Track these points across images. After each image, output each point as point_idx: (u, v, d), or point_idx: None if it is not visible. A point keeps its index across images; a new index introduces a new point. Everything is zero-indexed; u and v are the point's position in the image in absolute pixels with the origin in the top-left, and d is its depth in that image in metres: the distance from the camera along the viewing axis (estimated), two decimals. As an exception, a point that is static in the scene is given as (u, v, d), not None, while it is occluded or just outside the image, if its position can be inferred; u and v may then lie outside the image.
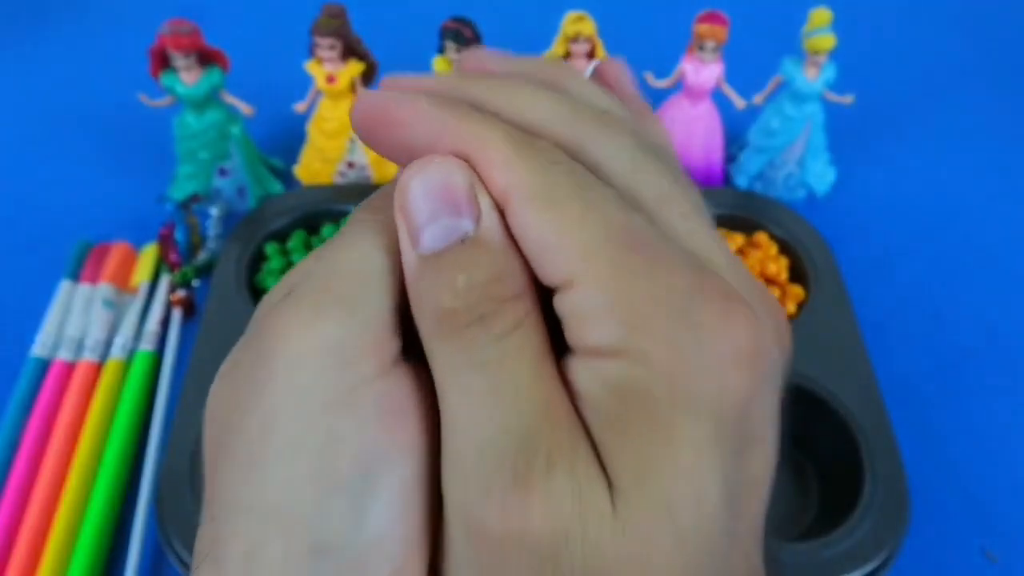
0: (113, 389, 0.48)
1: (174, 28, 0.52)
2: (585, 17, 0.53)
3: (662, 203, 0.18)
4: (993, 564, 0.43)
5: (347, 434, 0.15)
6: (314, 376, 0.15)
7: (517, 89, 0.18)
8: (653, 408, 0.15)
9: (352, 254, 0.17)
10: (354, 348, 0.16)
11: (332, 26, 0.53)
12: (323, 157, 0.58)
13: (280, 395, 0.15)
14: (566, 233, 0.16)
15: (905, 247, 0.60)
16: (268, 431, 0.15)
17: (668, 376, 0.15)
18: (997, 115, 0.71)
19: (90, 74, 0.73)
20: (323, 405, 0.15)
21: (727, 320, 0.15)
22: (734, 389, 0.15)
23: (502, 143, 0.16)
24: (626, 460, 0.15)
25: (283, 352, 0.16)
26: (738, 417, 0.15)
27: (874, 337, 0.52)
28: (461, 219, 0.16)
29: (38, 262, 0.57)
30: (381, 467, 0.15)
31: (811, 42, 0.54)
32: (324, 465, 0.15)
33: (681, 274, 0.16)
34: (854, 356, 0.48)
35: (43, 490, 0.43)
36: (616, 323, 0.15)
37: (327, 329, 0.16)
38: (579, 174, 0.17)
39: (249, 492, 0.15)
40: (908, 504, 0.42)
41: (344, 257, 0.17)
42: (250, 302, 0.51)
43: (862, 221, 0.61)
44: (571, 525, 0.14)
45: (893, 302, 0.56)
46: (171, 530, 0.40)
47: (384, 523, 0.15)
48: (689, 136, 0.59)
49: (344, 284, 0.16)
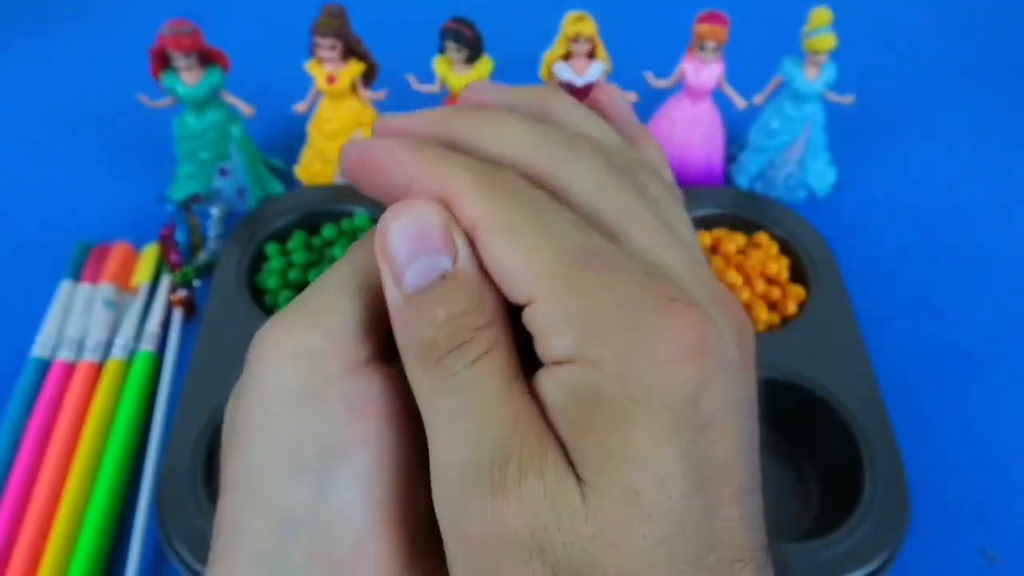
0: (114, 389, 0.48)
1: (174, 29, 0.52)
2: (586, 17, 0.53)
3: (625, 220, 0.19)
4: (993, 564, 0.43)
5: (314, 423, 0.18)
6: (289, 374, 0.18)
7: (494, 122, 0.20)
8: (610, 406, 0.17)
9: (328, 281, 0.19)
10: (322, 351, 0.18)
11: (332, 26, 0.53)
12: (323, 157, 0.58)
13: (261, 391, 0.18)
14: (525, 258, 0.17)
15: (905, 247, 0.60)
16: (251, 422, 0.19)
17: (619, 376, 0.17)
18: (997, 116, 0.72)
19: (91, 75, 0.73)
20: (296, 398, 0.18)
21: (671, 319, 0.17)
22: (681, 380, 0.17)
23: (467, 180, 0.18)
24: (591, 456, 0.17)
25: (266, 356, 0.19)
26: (688, 405, 0.17)
27: (874, 337, 0.52)
28: (439, 257, 0.18)
29: (39, 262, 0.57)
30: (344, 451, 0.18)
31: (811, 42, 0.54)
32: (293, 449, 0.18)
33: (630, 284, 0.17)
34: (854, 356, 0.48)
35: (44, 490, 0.43)
36: (570, 334, 0.17)
37: (301, 334, 0.18)
38: (538, 201, 0.18)
39: (235, 473, 0.19)
40: (908, 504, 0.42)
41: (321, 284, 0.19)
42: (250, 302, 0.51)
43: (862, 221, 0.61)
44: (547, 521, 0.16)
45: (893, 302, 0.56)
46: (171, 530, 0.40)
47: (346, 500, 0.18)
48: (689, 136, 0.59)
49: (317, 301, 0.19)
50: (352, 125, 0.57)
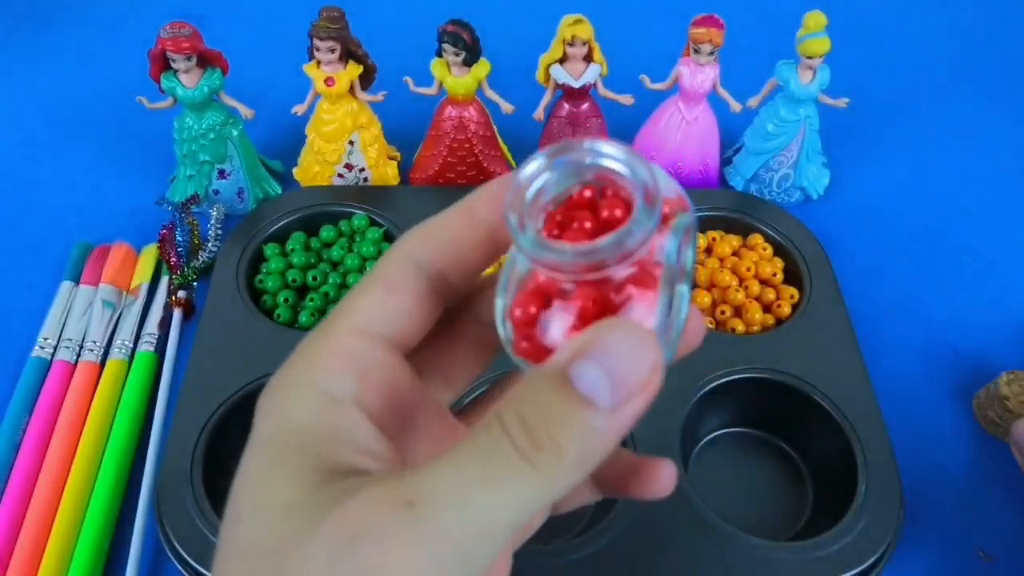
0: (113, 390, 0.48)
1: (174, 31, 0.52)
2: (583, 20, 0.54)
3: None
4: (987, 564, 0.44)
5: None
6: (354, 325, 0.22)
7: None
8: None
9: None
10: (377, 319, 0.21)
11: (331, 29, 0.53)
12: (322, 159, 0.58)
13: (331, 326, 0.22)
14: None
15: (899, 248, 0.60)
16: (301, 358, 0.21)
17: None
18: (988, 118, 0.72)
19: (91, 76, 0.73)
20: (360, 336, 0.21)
21: None
22: None
23: None
24: None
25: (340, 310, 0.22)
26: None
27: (868, 338, 0.52)
28: None
29: (39, 263, 0.57)
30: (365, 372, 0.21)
31: (806, 46, 0.54)
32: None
33: None
34: (848, 356, 0.49)
35: (44, 490, 0.44)
36: None
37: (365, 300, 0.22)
38: None
39: None
40: (902, 504, 0.42)
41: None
42: (249, 303, 0.51)
43: (856, 223, 0.62)
44: None
45: (887, 303, 0.56)
46: (171, 530, 0.40)
47: None
48: (685, 139, 0.60)
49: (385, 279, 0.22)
50: (350, 127, 0.57)
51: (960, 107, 0.73)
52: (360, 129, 0.58)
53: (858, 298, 0.56)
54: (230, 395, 0.45)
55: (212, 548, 0.39)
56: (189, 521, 0.40)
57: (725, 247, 0.56)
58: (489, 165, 0.60)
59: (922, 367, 0.52)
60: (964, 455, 0.48)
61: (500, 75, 0.56)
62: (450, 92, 0.56)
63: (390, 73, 0.58)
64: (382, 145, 0.60)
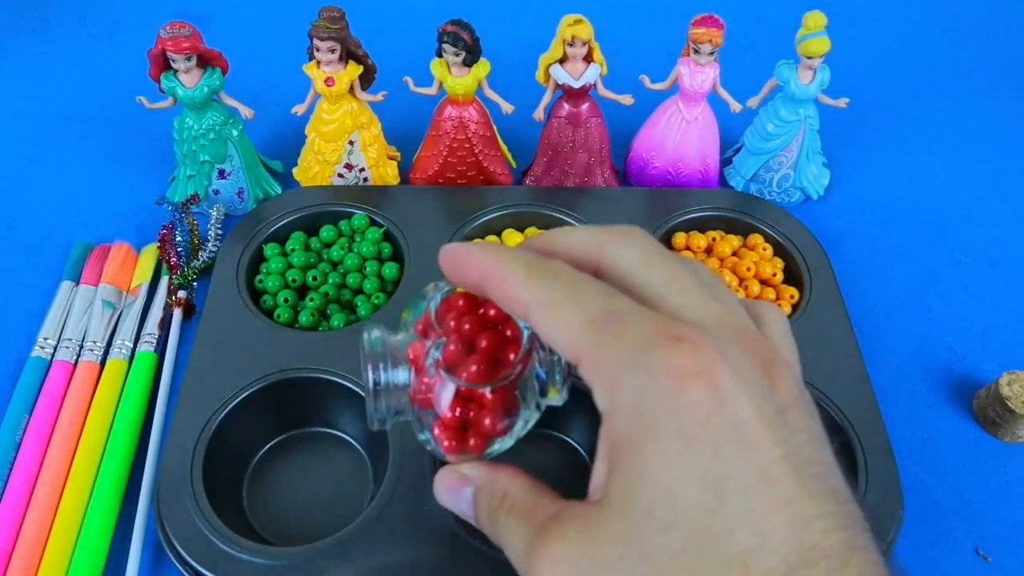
0: (113, 390, 0.48)
1: (174, 31, 0.52)
2: (583, 20, 0.54)
3: (668, 284, 0.24)
4: (987, 564, 0.44)
5: None
6: None
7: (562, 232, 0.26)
8: (633, 444, 0.21)
9: None
10: None
11: (331, 29, 0.53)
12: (322, 159, 0.58)
13: None
14: (563, 327, 0.22)
15: (899, 249, 0.60)
16: None
17: (637, 415, 0.21)
18: (988, 118, 0.72)
19: (92, 76, 0.73)
20: None
21: (673, 352, 0.21)
22: (689, 405, 0.20)
23: (518, 270, 0.24)
24: (616, 489, 0.21)
25: None
26: (701, 427, 0.20)
27: (868, 338, 0.52)
28: None
29: (39, 263, 0.57)
30: None
31: (806, 46, 0.54)
32: None
33: (644, 331, 0.21)
34: (848, 357, 0.49)
35: (44, 490, 0.44)
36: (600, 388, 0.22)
37: None
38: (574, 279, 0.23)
39: None
40: (902, 504, 0.42)
41: None
42: (249, 303, 0.51)
43: (856, 223, 0.62)
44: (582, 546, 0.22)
45: (887, 303, 0.56)
46: (171, 530, 0.40)
47: None
48: (685, 139, 0.60)
49: None
50: (350, 127, 0.57)
51: (960, 107, 0.73)
52: (360, 129, 0.58)
53: (858, 298, 0.56)
54: (230, 395, 0.45)
55: (212, 548, 0.39)
56: (189, 521, 0.40)
57: (725, 247, 0.56)
58: (489, 165, 0.60)
59: (922, 367, 0.52)
60: (964, 455, 0.48)
61: (500, 75, 0.56)
62: (450, 92, 0.56)
63: (390, 73, 0.58)
64: (382, 145, 0.60)
